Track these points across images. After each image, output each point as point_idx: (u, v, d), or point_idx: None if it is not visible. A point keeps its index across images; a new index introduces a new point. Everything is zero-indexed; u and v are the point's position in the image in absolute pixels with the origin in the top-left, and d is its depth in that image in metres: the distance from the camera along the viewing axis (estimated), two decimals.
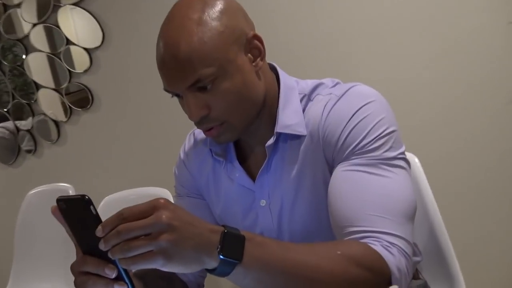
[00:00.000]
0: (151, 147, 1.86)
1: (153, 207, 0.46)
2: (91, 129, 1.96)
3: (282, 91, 0.69)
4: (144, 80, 1.81)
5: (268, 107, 0.68)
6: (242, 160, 0.73)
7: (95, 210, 0.47)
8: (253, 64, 0.64)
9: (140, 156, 1.89)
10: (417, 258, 0.77)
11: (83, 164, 2.00)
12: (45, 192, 1.49)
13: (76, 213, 0.49)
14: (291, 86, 0.69)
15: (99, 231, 0.46)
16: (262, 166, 0.69)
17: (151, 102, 1.82)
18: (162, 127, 1.82)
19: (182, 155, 0.81)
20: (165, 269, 0.47)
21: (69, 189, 1.45)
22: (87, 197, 0.47)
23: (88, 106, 1.94)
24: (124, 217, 0.46)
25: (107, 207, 1.23)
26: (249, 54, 0.63)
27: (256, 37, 0.64)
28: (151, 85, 1.72)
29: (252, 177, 0.71)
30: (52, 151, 2.04)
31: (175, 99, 0.66)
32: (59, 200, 0.49)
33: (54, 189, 1.48)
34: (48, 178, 1.93)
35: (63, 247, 1.37)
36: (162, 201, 0.47)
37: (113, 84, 1.88)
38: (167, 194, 1.14)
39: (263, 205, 0.70)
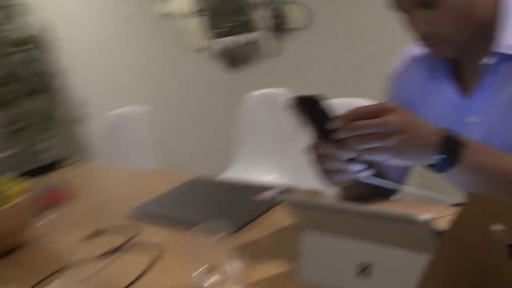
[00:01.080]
0: None
1: (383, 109, 0.63)
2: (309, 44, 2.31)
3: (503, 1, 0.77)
4: None
5: (482, 22, 0.78)
6: (456, 77, 0.88)
7: (328, 105, 0.63)
8: None
9: None
10: None
11: (302, 72, 2.47)
12: (264, 95, 2.04)
13: (309, 108, 0.65)
14: None
15: (335, 123, 0.62)
16: (475, 84, 0.82)
17: None
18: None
19: (396, 68, 1.00)
20: (388, 163, 0.65)
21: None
22: (319, 95, 0.62)
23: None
24: (356, 115, 0.63)
25: None
26: None
27: None
28: None
29: (464, 93, 0.85)
30: (270, 61, 2.56)
31: None
32: (294, 98, 0.66)
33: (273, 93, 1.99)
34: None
35: (275, 141, 1.91)
36: (391, 104, 0.64)
37: None
38: None
39: (474, 120, 0.83)
